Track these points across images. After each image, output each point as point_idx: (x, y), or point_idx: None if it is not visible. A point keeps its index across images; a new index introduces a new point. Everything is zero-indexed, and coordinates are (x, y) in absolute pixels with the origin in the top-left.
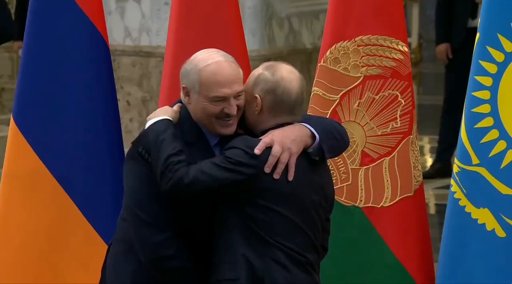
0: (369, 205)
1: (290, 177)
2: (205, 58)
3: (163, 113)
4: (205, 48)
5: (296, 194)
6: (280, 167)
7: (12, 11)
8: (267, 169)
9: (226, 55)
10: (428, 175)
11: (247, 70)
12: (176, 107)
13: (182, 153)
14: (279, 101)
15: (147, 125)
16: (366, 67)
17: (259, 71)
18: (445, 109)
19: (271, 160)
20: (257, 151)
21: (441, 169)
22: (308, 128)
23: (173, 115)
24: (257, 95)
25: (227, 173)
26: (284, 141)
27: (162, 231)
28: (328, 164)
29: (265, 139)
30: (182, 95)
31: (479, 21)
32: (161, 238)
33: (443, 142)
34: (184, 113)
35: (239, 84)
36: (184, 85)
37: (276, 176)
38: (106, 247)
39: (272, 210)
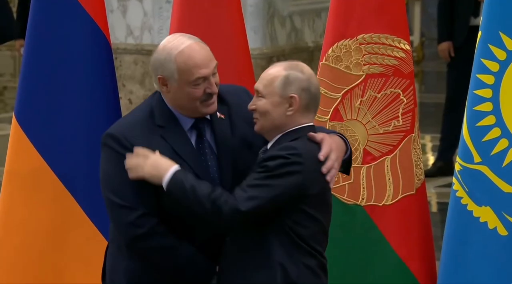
0: (371, 203)
1: (332, 184)
2: (176, 45)
3: (165, 165)
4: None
5: (327, 198)
6: (334, 173)
7: (14, 9)
8: (324, 170)
9: (192, 37)
10: (430, 174)
11: (249, 68)
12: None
13: (217, 187)
14: (313, 98)
15: (165, 185)
16: (368, 65)
17: (282, 72)
18: (447, 108)
19: (329, 164)
20: (321, 157)
21: (443, 167)
22: (344, 140)
23: (169, 162)
24: (294, 95)
25: (277, 189)
26: (337, 149)
27: (133, 211)
28: None
29: (326, 147)
30: (157, 85)
31: (481, 20)
32: (133, 217)
33: (445, 140)
34: (155, 100)
35: (213, 60)
36: (160, 76)
37: (329, 178)
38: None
39: (309, 214)
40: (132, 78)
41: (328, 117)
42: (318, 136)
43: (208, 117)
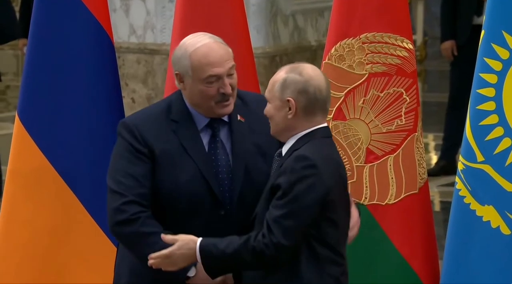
0: (374, 202)
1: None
2: (193, 42)
3: (186, 248)
4: None
5: (347, 198)
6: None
7: (17, 9)
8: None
9: (213, 36)
10: (433, 173)
11: (252, 67)
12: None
13: (244, 236)
14: (313, 100)
15: (200, 263)
16: (371, 64)
17: (282, 75)
18: (450, 106)
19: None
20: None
21: (446, 167)
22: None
23: (187, 242)
24: (289, 98)
25: (308, 209)
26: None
27: (122, 197)
28: None
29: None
30: (176, 82)
31: (484, 18)
32: (119, 203)
33: (448, 139)
34: (176, 95)
35: (230, 61)
36: (177, 72)
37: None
38: (110, 243)
39: (333, 220)
40: (135, 77)
41: (331, 116)
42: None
43: (226, 119)
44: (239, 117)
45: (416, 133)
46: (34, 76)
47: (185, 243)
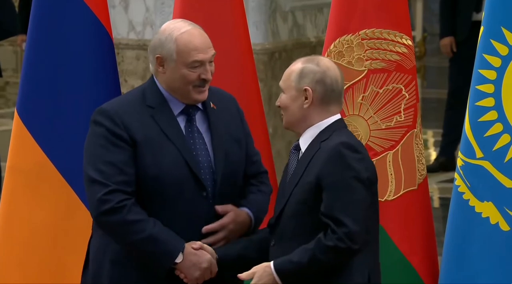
0: None
1: None
2: (177, 27)
3: (270, 278)
4: None
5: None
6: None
7: (16, 5)
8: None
9: (193, 24)
10: (432, 169)
11: (251, 64)
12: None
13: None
14: (329, 90)
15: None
16: (370, 60)
17: (299, 65)
18: (449, 103)
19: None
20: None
21: (445, 163)
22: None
23: (269, 270)
24: (307, 87)
25: (366, 193)
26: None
27: (104, 186)
28: None
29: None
30: (153, 66)
31: (483, 15)
32: (102, 193)
33: (447, 136)
34: (148, 82)
35: (211, 48)
36: (158, 55)
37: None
38: None
39: (375, 203)
40: (134, 73)
41: None
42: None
43: (200, 106)
44: (212, 105)
45: (415, 130)
46: (33, 72)
47: (263, 271)
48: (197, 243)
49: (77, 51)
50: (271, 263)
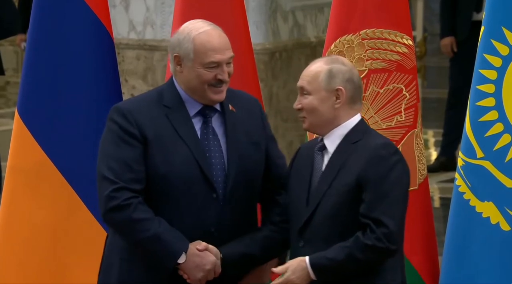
0: None
1: None
2: (196, 27)
3: (303, 273)
4: None
5: None
6: None
7: (16, 4)
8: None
9: (213, 24)
10: (433, 169)
11: (251, 63)
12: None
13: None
14: (357, 88)
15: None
16: (371, 60)
17: (323, 66)
18: (449, 103)
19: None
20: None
21: (446, 163)
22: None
23: (304, 264)
24: (340, 87)
25: (406, 193)
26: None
27: (113, 183)
28: None
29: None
30: (172, 65)
31: (484, 14)
32: (110, 190)
33: (447, 135)
34: (167, 83)
35: (230, 50)
36: (176, 54)
37: None
38: None
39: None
40: (134, 73)
41: None
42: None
43: (218, 108)
44: (230, 107)
45: (416, 129)
46: (33, 72)
47: (297, 265)
48: (202, 244)
49: (77, 51)
50: (306, 258)
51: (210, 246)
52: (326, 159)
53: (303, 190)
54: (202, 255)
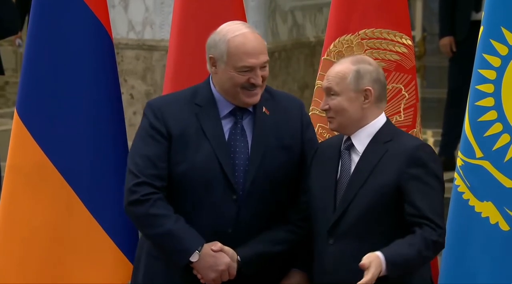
0: None
1: None
2: (233, 29)
3: (378, 264)
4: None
5: None
6: None
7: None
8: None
9: (251, 27)
10: None
11: None
12: None
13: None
14: (383, 86)
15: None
16: None
17: (350, 67)
18: (448, 103)
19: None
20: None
21: (446, 162)
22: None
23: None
24: (369, 87)
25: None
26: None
27: (136, 177)
28: None
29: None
30: (208, 65)
31: (483, 14)
32: (132, 183)
33: (446, 135)
34: (204, 82)
35: (265, 54)
36: (211, 55)
37: None
38: (109, 239)
39: None
40: (133, 73)
41: None
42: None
43: (251, 109)
44: (264, 109)
45: (415, 129)
46: (33, 72)
47: (375, 257)
48: (218, 245)
49: (76, 51)
50: (380, 254)
51: (226, 248)
52: (355, 158)
53: (330, 189)
54: (216, 255)
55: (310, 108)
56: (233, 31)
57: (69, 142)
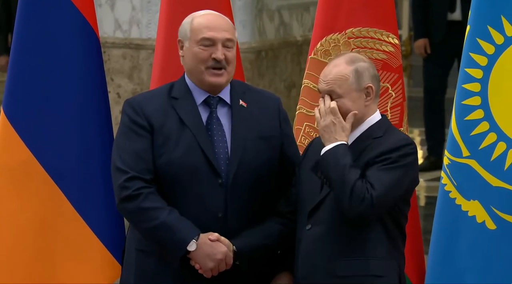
0: None
1: None
2: (201, 12)
3: (337, 135)
4: None
5: None
6: None
7: None
8: None
9: (222, 15)
10: (424, 168)
11: (238, 62)
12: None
13: (363, 175)
14: (379, 82)
15: (323, 150)
16: None
17: (347, 67)
18: (427, 105)
19: None
20: None
21: (436, 162)
22: None
23: (342, 135)
24: (370, 85)
25: (407, 177)
26: None
27: (124, 173)
28: None
29: None
30: (180, 52)
31: (469, 13)
32: (122, 180)
33: (431, 136)
34: (180, 77)
35: (229, 33)
36: (179, 39)
37: None
38: (96, 237)
39: (408, 202)
40: (120, 72)
41: None
42: None
43: (228, 101)
44: (241, 102)
45: (402, 128)
46: (19, 71)
47: (341, 135)
48: (214, 235)
49: (63, 50)
50: (344, 141)
51: (222, 238)
52: None
53: (316, 182)
54: (213, 245)
55: (297, 107)
56: (200, 13)
57: (55, 141)
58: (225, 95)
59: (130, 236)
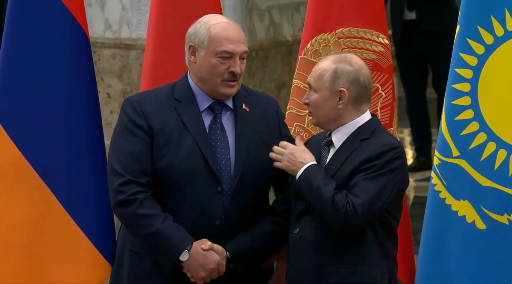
0: None
1: None
2: (214, 18)
3: (300, 159)
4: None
5: None
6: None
7: None
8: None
9: (232, 22)
10: (414, 169)
11: None
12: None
13: (341, 187)
14: (363, 89)
15: (299, 173)
16: None
17: (330, 65)
18: (408, 107)
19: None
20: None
21: (426, 162)
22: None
23: (306, 156)
24: (343, 88)
25: (393, 182)
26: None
27: (120, 177)
28: None
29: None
30: (187, 56)
31: (459, 13)
32: (117, 183)
33: (419, 138)
34: (182, 78)
35: (244, 45)
36: (191, 43)
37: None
38: (86, 238)
39: (399, 206)
40: (110, 72)
41: (307, 111)
42: None
43: (231, 106)
44: (243, 106)
45: (392, 128)
46: (9, 71)
47: (305, 157)
48: (207, 243)
49: (53, 50)
50: (310, 163)
51: (216, 246)
52: (331, 154)
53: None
54: (206, 254)
55: (287, 107)
56: (215, 20)
57: (45, 140)
58: (228, 99)
59: (123, 237)
